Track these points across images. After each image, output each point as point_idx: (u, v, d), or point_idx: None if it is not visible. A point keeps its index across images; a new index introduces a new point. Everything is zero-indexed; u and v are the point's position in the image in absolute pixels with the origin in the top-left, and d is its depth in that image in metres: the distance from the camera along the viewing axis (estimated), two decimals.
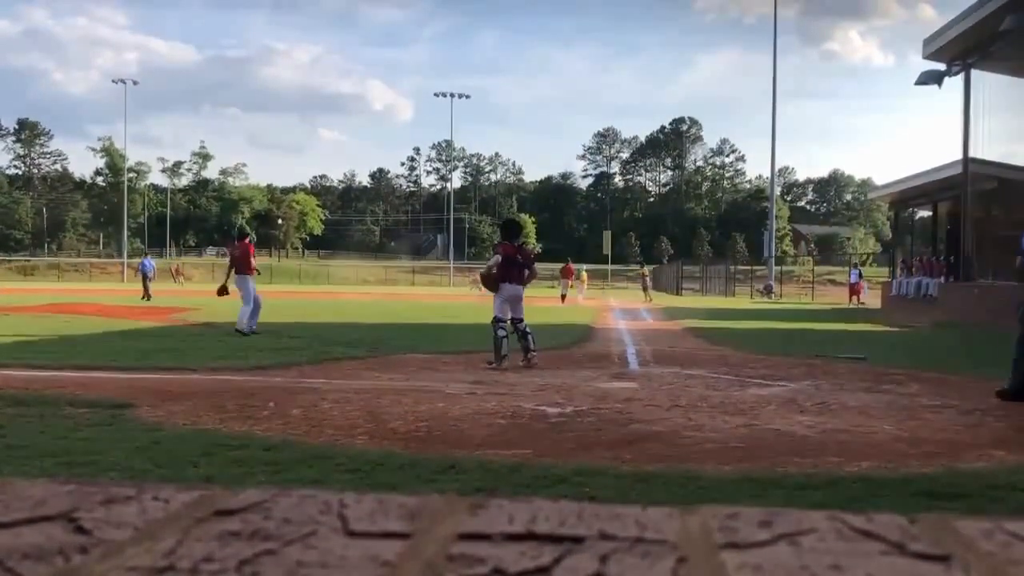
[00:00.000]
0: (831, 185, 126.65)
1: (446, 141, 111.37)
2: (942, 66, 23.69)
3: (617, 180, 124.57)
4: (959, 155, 23.64)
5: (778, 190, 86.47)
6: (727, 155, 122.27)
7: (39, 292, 35.50)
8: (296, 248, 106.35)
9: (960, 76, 23.14)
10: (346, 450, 4.99)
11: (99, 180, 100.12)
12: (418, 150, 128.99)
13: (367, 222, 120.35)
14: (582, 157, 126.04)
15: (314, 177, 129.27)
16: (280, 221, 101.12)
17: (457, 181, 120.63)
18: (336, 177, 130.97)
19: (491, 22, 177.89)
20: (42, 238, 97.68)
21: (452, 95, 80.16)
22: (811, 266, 58.45)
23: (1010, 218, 24.12)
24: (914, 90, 25.67)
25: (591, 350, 12.04)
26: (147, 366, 9.00)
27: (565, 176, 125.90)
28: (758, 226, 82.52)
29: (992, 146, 23.00)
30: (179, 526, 0.50)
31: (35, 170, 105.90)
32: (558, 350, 11.45)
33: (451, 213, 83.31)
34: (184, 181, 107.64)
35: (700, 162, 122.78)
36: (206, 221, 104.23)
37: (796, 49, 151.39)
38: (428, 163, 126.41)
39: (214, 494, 0.56)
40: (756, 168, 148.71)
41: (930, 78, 24.02)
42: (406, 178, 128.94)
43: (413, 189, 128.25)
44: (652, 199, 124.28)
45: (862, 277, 37.70)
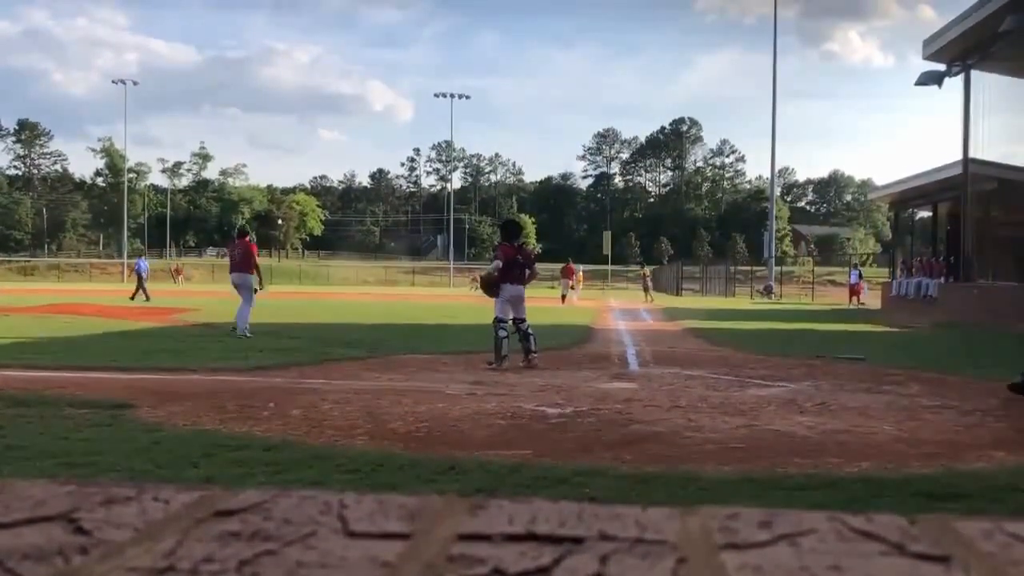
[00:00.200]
0: (831, 186, 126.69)
1: (446, 141, 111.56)
2: (942, 67, 23.72)
3: (617, 181, 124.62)
4: (959, 156, 23.67)
5: (778, 191, 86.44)
6: (727, 155, 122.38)
7: (39, 293, 35.49)
8: (296, 249, 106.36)
9: (960, 77, 23.18)
10: (346, 451, 4.99)
11: (99, 181, 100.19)
12: (418, 150, 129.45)
13: (367, 223, 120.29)
14: (582, 158, 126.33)
15: (314, 178, 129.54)
16: (280, 222, 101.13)
17: (457, 182, 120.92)
18: (336, 178, 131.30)
19: (491, 22, 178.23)
20: (42, 239, 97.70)
21: (452, 95, 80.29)
22: (811, 267, 58.42)
23: (1010, 218, 24.16)
24: (914, 91, 25.71)
25: (591, 351, 12.05)
26: (147, 366, 8.99)
27: (565, 176, 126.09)
28: (758, 227, 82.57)
29: (992, 147, 23.03)
30: (179, 527, 0.50)
31: (35, 171, 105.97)
32: (558, 350, 11.45)
33: (451, 214, 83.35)
34: (184, 182, 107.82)
35: (700, 163, 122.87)
36: (206, 222, 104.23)
37: (796, 50, 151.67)
38: (428, 164, 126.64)
39: (214, 495, 0.56)
40: (756, 169, 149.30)
41: (930, 79, 24.05)
42: (406, 179, 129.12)
43: (413, 190, 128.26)
44: (652, 199, 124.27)
45: (862, 278, 37.70)
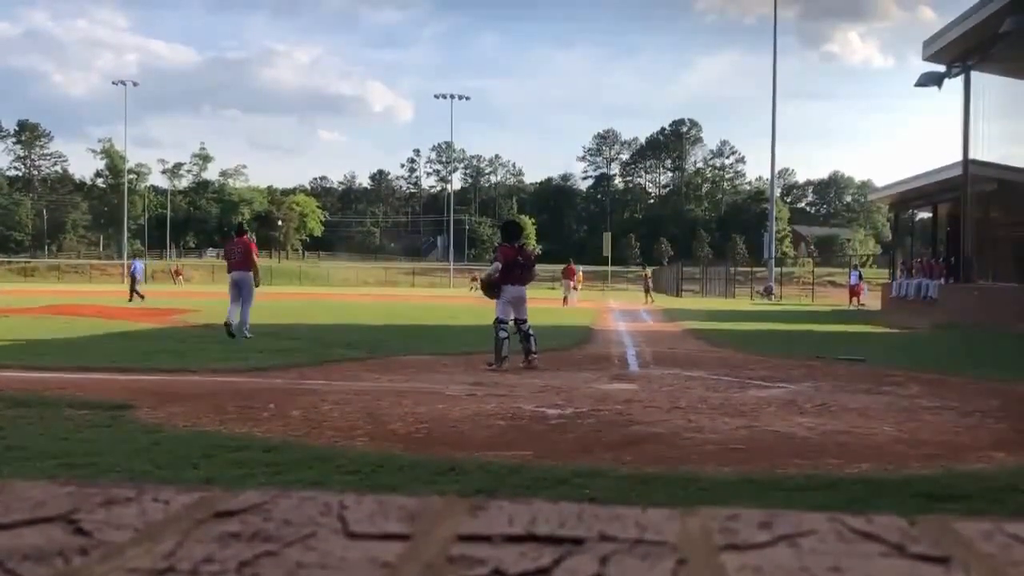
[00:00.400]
0: (831, 187, 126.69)
1: (446, 142, 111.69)
2: (942, 68, 23.71)
3: (617, 181, 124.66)
4: (959, 157, 23.66)
5: (778, 191, 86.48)
6: (727, 156, 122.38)
7: (39, 293, 35.49)
8: (296, 249, 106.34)
9: (960, 78, 23.16)
10: (346, 451, 4.99)
11: (99, 182, 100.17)
12: (418, 151, 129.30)
13: (367, 224, 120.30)
14: (582, 158, 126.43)
15: (314, 178, 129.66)
16: (280, 223, 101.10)
17: (457, 182, 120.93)
18: (336, 178, 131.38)
19: (491, 23, 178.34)
20: (42, 240, 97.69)
21: (452, 96, 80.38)
22: (811, 268, 58.50)
23: (1010, 219, 24.17)
24: (914, 92, 25.69)
25: (591, 351, 12.04)
26: (147, 367, 8.99)
27: (565, 177, 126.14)
28: (758, 228, 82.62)
29: (992, 148, 23.03)
30: (179, 528, 0.50)
31: (35, 172, 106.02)
32: (558, 351, 11.45)
33: (451, 214, 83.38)
34: (184, 183, 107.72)
35: (700, 163, 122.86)
36: (206, 223, 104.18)
37: (796, 51, 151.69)
38: (428, 164, 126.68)
39: (214, 495, 0.56)
40: (756, 169, 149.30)
41: (930, 80, 24.04)
42: (406, 179, 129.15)
43: (413, 190, 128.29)
44: (652, 200, 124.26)
45: (862, 279, 37.70)
